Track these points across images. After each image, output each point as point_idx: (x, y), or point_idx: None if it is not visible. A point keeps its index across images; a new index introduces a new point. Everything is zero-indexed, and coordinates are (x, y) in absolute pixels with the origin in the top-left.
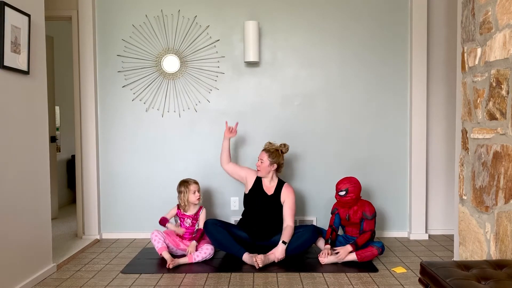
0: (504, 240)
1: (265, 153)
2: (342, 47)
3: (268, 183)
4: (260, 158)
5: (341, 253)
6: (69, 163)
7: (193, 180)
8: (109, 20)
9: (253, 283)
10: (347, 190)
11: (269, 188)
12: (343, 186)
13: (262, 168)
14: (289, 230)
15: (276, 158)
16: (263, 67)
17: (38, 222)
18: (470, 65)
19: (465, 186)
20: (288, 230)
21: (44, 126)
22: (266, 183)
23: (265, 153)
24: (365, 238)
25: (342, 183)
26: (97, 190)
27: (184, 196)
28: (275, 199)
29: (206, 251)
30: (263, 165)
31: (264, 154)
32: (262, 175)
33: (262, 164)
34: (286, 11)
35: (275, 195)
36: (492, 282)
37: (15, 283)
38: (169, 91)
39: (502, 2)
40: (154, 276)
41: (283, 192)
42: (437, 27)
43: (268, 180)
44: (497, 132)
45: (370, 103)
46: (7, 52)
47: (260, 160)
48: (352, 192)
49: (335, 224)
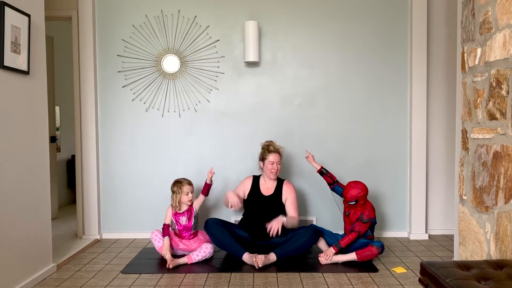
0: (504, 240)
1: (279, 155)
2: (342, 47)
3: (269, 184)
4: (275, 161)
5: (327, 255)
6: (69, 163)
7: (187, 181)
8: (109, 20)
9: (253, 283)
10: (357, 201)
11: (269, 189)
12: (352, 197)
13: (278, 170)
14: (292, 218)
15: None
16: (263, 67)
17: (38, 222)
18: (470, 65)
19: (465, 186)
20: (291, 218)
21: (44, 126)
22: (267, 184)
23: (278, 156)
24: (350, 239)
25: (351, 193)
26: (97, 190)
27: (177, 196)
28: (275, 198)
29: (206, 250)
30: (279, 167)
31: (278, 156)
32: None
33: (279, 166)
34: (286, 11)
35: (275, 194)
36: (492, 282)
37: (15, 283)
38: (169, 91)
39: (502, 2)
40: (154, 276)
41: (284, 190)
42: (437, 27)
43: (267, 180)
44: (497, 132)
45: (370, 103)
46: (7, 52)
47: (277, 164)
48: (361, 200)
49: (335, 189)
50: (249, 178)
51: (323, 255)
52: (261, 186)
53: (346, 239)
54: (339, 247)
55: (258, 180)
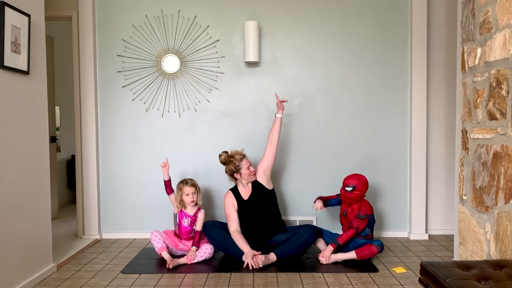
0: (504, 240)
1: (246, 157)
2: (342, 47)
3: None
4: (249, 164)
5: (326, 254)
6: (69, 163)
7: (191, 182)
8: (109, 20)
9: (253, 283)
10: (354, 187)
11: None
12: (351, 182)
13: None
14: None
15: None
16: (263, 67)
17: (38, 222)
18: (470, 65)
19: (465, 186)
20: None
21: (44, 126)
22: (247, 188)
23: (246, 157)
24: (348, 236)
25: (352, 178)
26: (97, 190)
27: (178, 195)
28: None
29: (206, 251)
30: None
31: (247, 158)
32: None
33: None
34: (286, 11)
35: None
36: (492, 282)
37: (15, 283)
38: (169, 91)
39: (502, 2)
40: (154, 276)
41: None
42: (437, 27)
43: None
44: (497, 132)
45: (370, 103)
46: (7, 52)
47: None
48: (358, 190)
49: (331, 201)
50: (228, 193)
51: (321, 254)
52: (242, 194)
53: (344, 235)
54: (337, 244)
55: (237, 190)
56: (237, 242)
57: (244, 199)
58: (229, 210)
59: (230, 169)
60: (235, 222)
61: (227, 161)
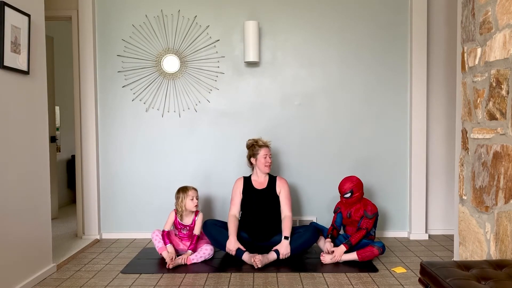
0: (504, 240)
1: (269, 149)
2: (342, 47)
3: (261, 178)
4: (268, 154)
5: (336, 254)
6: (69, 163)
7: (192, 187)
8: (109, 20)
9: (253, 283)
10: (352, 191)
11: (262, 183)
12: (347, 187)
13: (271, 162)
14: (288, 221)
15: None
16: (263, 67)
17: (38, 222)
18: (470, 65)
19: (465, 186)
20: (287, 221)
21: (44, 126)
22: (260, 179)
23: (268, 149)
24: (359, 236)
25: (345, 185)
26: (97, 190)
27: (182, 201)
28: (269, 191)
29: (206, 252)
30: (271, 160)
31: (268, 149)
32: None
33: (271, 159)
34: (286, 11)
35: (268, 187)
36: (492, 282)
37: (15, 283)
38: (169, 91)
39: (502, 2)
40: (154, 276)
41: (278, 183)
42: (437, 27)
43: (260, 175)
44: (497, 132)
45: (370, 103)
46: (7, 52)
47: (269, 157)
48: (356, 192)
49: (337, 223)
50: (240, 179)
51: (325, 254)
52: (254, 182)
53: (356, 236)
54: (349, 244)
55: (249, 178)
56: (228, 226)
57: (256, 188)
58: (234, 194)
59: (250, 153)
60: (236, 206)
61: (251, 143)
